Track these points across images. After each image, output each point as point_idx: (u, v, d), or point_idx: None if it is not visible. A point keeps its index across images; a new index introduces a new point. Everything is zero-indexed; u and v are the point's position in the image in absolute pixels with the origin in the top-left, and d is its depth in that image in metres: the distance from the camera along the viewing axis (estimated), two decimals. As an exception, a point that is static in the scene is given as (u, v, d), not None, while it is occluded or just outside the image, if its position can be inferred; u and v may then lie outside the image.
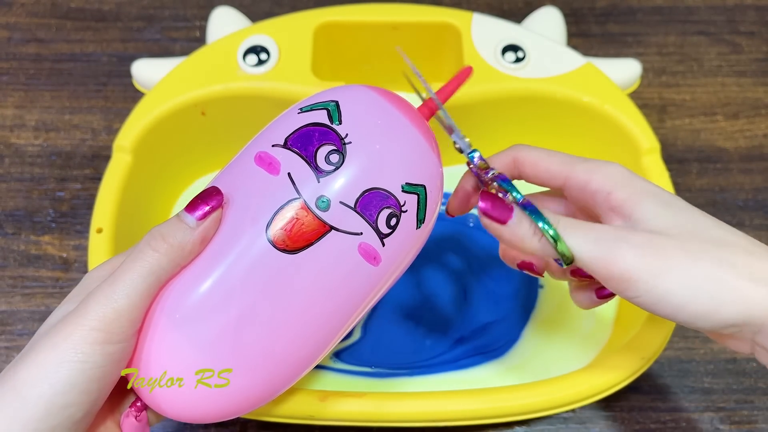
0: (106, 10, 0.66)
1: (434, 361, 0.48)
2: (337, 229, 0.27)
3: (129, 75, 0.56)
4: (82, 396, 0.27)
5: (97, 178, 0.57)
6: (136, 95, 0.60)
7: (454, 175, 0.41)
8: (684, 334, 0.51)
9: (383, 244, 0.28)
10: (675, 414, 0.48)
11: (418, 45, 0.54)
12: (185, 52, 0.59)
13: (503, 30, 0.52)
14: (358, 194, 0.27)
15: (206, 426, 0.48)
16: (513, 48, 0.51)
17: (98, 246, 0.44)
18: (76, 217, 0.56)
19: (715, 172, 0.58)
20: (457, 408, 0.40)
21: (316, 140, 0.28)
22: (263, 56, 0.50)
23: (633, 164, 0.49)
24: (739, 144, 0.60)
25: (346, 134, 0.28)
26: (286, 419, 0.40)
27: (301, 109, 0.29)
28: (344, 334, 0.31)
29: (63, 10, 0.66)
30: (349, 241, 0.28)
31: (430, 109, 0.30)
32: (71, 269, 0.53)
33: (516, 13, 0.66)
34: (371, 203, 0.27)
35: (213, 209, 0.28)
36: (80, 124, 0.60)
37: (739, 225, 0.56)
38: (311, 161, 0.27)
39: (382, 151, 0.28)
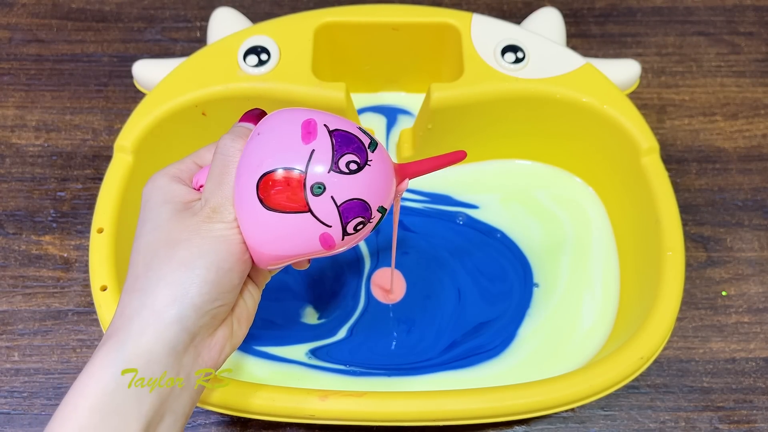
0: (107, 10, 0.66)
1: (428, 363, 0.48)
2: (313, 214, 0.31)
3: (130, 75, 0.56)
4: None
5: (97, 179, 0.57)
6: (136, 95, 0.60)
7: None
8: (683, 334, 0.51)
9: (342, 239, 0.32)
10: (674, 413, 0.49)
11: (418, 45, 0.55)
12: (186, 52, 0.59)
13: (503, 30, 0.52)
14: (348, 198, 0.31)
15: (208, 426, 0.48)
16: (513, 48, 0.51)
17: (99, 246, 0.45)
18: (76, 217, 0.56)
19: (714, 172, 0.58)
20: (458, 407, 0.40)
21: (351, 147, 0.32)
22: (264, 57, 0.50)
23: (632, 164, 0.49)
24: (738, 144, 0.60)
25: (371, 160, 0.32)
26: (286, 418, 0.41)
27: (360, 128, 0.34)
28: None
29: (64, 10, 0.66)
30: (317, 226, 0.31)
31: (408, 173, 0.36)
32: (72, 269, 0.54)
33: (516, 14, 0.66)
34: (353, 209, 0.32)
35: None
36: (81, 125, 0.60)
37: (738, 225, 0.56)
38: (336, 156, 0.31)
39: (382, 182, 0.33)
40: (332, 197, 0.31)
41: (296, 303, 0.51)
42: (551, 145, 0.54)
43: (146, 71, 0.52)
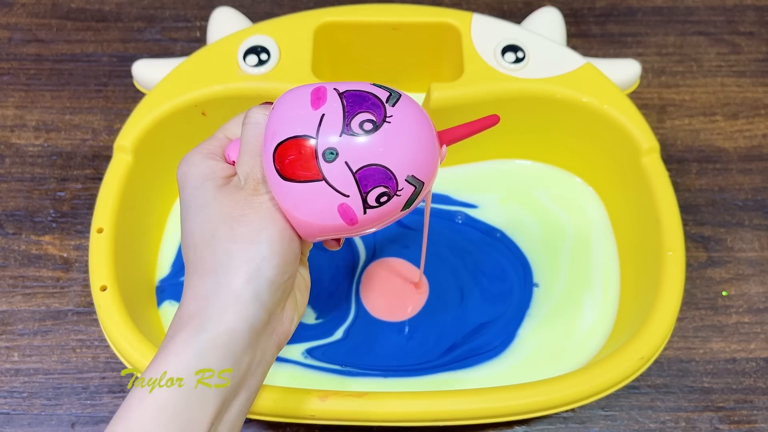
0: (106, 10, 0.66)
1: (427, 365, 0.48)
2: (327, 182, 0.29)
3: (129, 75, 0.56)
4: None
5: (97, 178, 0.57)
6: (136, 95, 0.60)
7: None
8: (684, 334, 0.51)
9: (365, 212, 0.30)
10: (674, 414, 0.49)
11: (418, 45, 0.55)
12: (186, 52, 0.59)
13: (503, 30, 0.52)
14: (365, 164, 0.29)
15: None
16: (513, 48, 0.51)
17: (99, 246, 0.45)
18: (76, 217, 0.56)
19: (714, 172, 0.58)
20: (458, 408, 0.40)
21: (365, 105, 0.30)
22: (263, 56, 0.50)
23: (632, 164, 0.49)
24: (739, 144, 0.60)
25: (391, 115, 0.30)
26: (286, 419, 0.41)
27: (374, 83, 0.31)
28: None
29: (63, 10, 0.66)
30: (334, 196, 0.29)
31: (445, 140, 0.33)
32: (72, 269, 0.54)
33: (516, 14, 0.66)
34: (372, 177, 0.29)
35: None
36: (81, 125, 0.60)
37: (738, 225, 0.56)
38: (347, 117, 0.29)
39: (409, 144, 0.30)
40: (346, 163, 0.29)
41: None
42: (551, 145, 0.54)
43: (146, 71, 0.52)
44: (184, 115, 0.50)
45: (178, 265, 0.52)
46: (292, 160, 0.29)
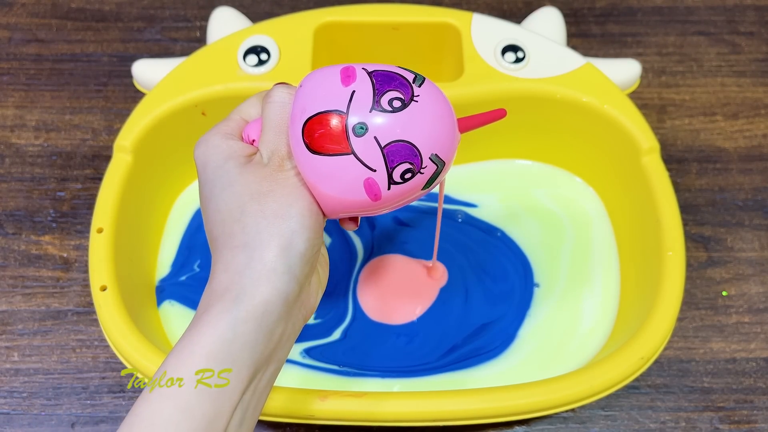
0: (106, 10, 0.66)
1: (426, 367, 0.48)
2: (356, 156, 0.30)
3: (129, 75, 0.56)
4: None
5: (97, 178, 0.57)
6: (136, 95, 0.60)
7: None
8: (684, 334, 0.51)
9: (389, 188, 0.31)
10: (674, 414, 0.49)
11: (418, 45, 0.55)
12: (185, 52, 0.59)
13: (503, 30, 0.52)
14: (393, 140, 0.30)
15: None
16: (513, 48, 0.51)
17: (99, 246, 0.45)
18: (76, 217, 0.56)
19: (714, 172, 0.58)
20: (458, 408, 0.40)
21: (393, 84, 0.31)
22: (263, 56, 0.50)
23: (633, 164, 0.49)
24: (739, 144, 0.60)
25: (418, 95, 0.31)
26: (286, 419, 0.41)
27: (404, 68, 0.32)
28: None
29: (63, 10, 0.66)
30: (361, 170, 0.30)
31: (462, 127, 0.34)
32: (71, 269, 0.54)
33: (516, 14, 0.66)
34: (399, 153, 0.30)
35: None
36: (81, 125, 0.60)
37: (738, 225, 0.56)
38: (377, 95, 0.30)
39: (433, 123, 0.31)
40: (375, 138, 0.30)
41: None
42: (551, 144, 0.54)
43: (146, 71, 0.52)
44: (184, 115, 0.50)
45: (178, 265, 0.52)
46: (322, 134, 0.30)
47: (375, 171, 0.30)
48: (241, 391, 0.29)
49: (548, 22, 0.54)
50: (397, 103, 0.30)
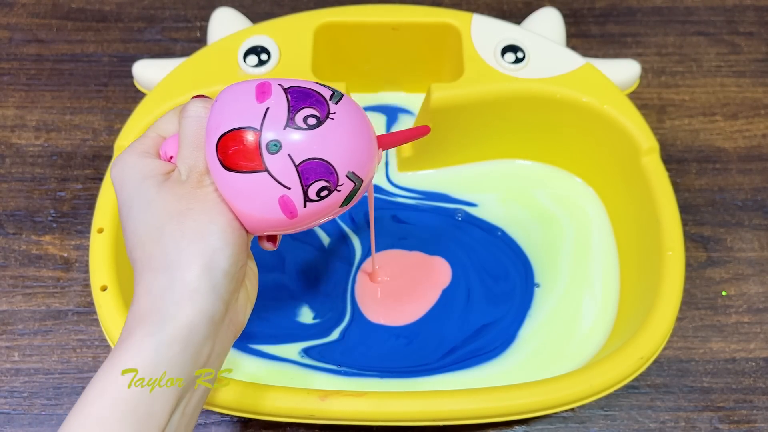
0: (107, 10, 0.66)
1: (425, 367, 0.48)
2: (270, 173, 0.30)
3: (130, 75, 0.56)
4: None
5: (98, 179, 0.57)
6: (137, 96, 0.60)
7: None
8: (683, 334, 0.51)
9: (305, 206, 0.31)
10: (674, 413, 0.49)
11: (418, 45, 0.55)
12: (186, 52, 0.59)
13: (503, 30, 0.52)
14: (308, 157, 0.30)
15: (207, 425, 0.48)
16: (513, 48, 0.51)
17: (99, 246, 0.45)
18: (77, 217, 0.56)
19: (714, 172, 0.58)
20: (458, 407, 0.40)
21: (309, 101, 0.31)
22: (264, 57, 0.50)
23: (632, 164, 0.49)
24: (738, 144, 0.60)
25: (334, 112, 0.31)
26: (286, 418, 0.41)
27: (318, 82, 0.32)
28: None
29: (64, 10, 0.66)
30: (275, 188, 0.30)
31: (383, 144, 0.34)
32: (72, 269, 0.54)
33: (516, 14, 0.66)
34: (314, 170, 0.30)
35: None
36: (81, 125, 0.60)
37: (738, 225, 0.56)
38: (292, 112, 0.30)
39: (350, 141, 0.31)
40: (289, 155, 0.30)
41: (292, 302, 0.50)
42: (551, 145, 0.54)
43: (146, 71, 0.52)
44: (185, 116, 0.50)
45: (179, 265, 0.52)
46: (236, 151, 0.30)
47: (290, 189, 0.30)
48: (168, 413, 0.29)
49: (548, 23, 0.55)
50: (312, 120, 0.30)
